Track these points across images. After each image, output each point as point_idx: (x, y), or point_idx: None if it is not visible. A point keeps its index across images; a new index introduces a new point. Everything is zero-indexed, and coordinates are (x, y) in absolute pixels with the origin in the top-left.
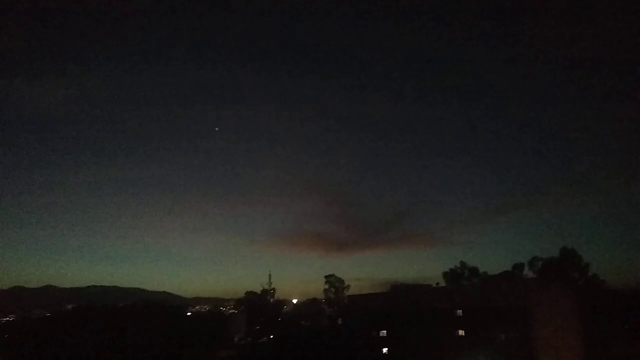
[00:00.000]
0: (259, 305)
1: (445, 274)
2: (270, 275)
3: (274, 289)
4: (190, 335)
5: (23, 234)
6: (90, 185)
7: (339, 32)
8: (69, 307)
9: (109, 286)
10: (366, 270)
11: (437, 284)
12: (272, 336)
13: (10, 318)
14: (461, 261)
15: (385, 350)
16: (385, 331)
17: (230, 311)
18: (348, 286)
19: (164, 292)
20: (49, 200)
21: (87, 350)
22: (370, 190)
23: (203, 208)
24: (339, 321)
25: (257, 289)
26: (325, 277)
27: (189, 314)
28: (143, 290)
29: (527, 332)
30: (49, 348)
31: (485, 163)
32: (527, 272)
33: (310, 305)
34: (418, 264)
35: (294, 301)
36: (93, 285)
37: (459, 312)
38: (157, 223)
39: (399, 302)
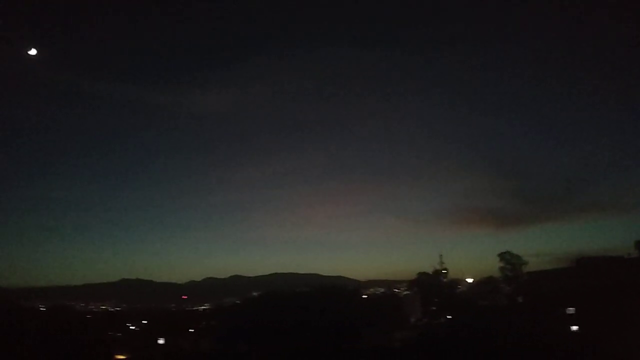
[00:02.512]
0: (433, 286)
1: (637, 243)
2: (441, 255)
3: (446, 269)
4: (367, 318)
5: (211, 230)
6: (262, 180)
7: None
8: (255, 294)
9: (289, 273)
10: (544, 244)
11: (629, 254)
12: (449, 316)
13: (206, 306)
14: None
15: (574, 328)
16: (573, 308)
17: (405, 293)
18: (526, 262)
19: (339, 276)
20: (230, 198)
21: (273, 333)
22: (541, 159)
23: (370, 192)
24: (519, 299)
25: (429, 269)
26: (500, 254)
27: (364, 296)
28: (319, 275)
29: None
30: (242, 331)
31: None
32: None
33: (486, 284)
34: (603, 235)
35: (469, 280)
36: (274, 273)
37: None
38: (328, 210)
39: (586, 276)
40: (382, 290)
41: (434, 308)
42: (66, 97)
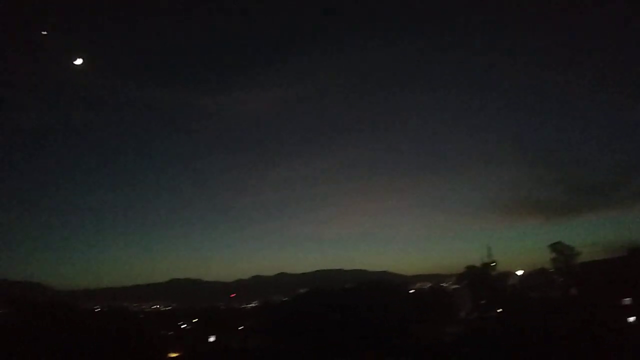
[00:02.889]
0: (482, 279)
1: None
2: (489, 247)
3: (494, 262)
4: (415, 313)
5: (257, 229)
6: (306, 178)
7: None
8: (301, 291)
9: (334, 269)
10: (595, 234)
11: None
12: (499, 310)
13: (254, 304)
14: None
15: (632, 319)
16: (629, 299)
17: (453, 287)
18: (579, 253)
19: (384, 271)
20: (275, 197)
21: (320, 329)
22: (589, 148)
23: (414, 186)
24: (573, 291)
25: (477, 262)
26: (551, 245)
27: (411, 291)
28: (365, 271)
29: None
30: (289, 328)
31: None
32: None
33: (537, 276)
34: None
35: (519, 273)
36: (320, 270)
37: None
38: (373, 206)
39: None
40: (429, 284)
41: (483, 302)
42: (113, 103)
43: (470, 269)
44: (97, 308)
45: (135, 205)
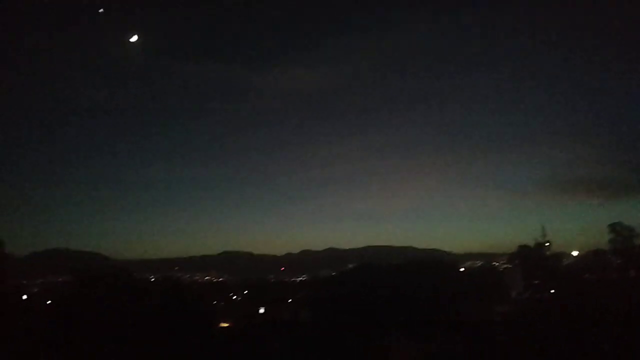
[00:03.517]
0: (535, 259)
1: None
2: (543, 227)
3: (549, 241)
4: (465, 291)
5: (307, 204)
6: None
7: None
8: (350, 266)
9: (383, 246)
10: None
11: None
12: (552, 291)
13: (303, 277)
14: None
15: None
16: None
17: (504, 266)
18: (639, 234)
19: (433, 249)
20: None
21: (368, 305)
22: None
23: (467, 163)
24: (632, 273)
25: (530, 242)
26: (610, 225)
27: (461, 269)
28: (414, 248)
29: None
30: (338, 303)
31: None
32: None
33: (593, 257)
34: None
35: (574, 253)
36: (369, 246)
37: None
38: (423, 182)
39: None
40: (480, 263)
41: (536, 282)
42: (166, 80)
43: (524, 248)
44: (152, 278)
45: (188, 180)
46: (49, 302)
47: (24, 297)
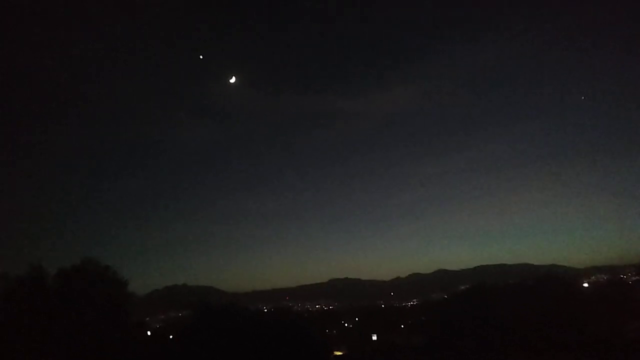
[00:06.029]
0: None
1: None
2: None
3: None
4: (591, 308)
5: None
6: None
7: None
8: (462, 287)
9: (496, 264)
10: None
11: None
12: None
13: (414, 302)
14: None
15: None
16: None
17: (634, 278)
18: None
19: (552, 264)
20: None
21: (485, 327)
22: None
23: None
24: None
25: None
26: None
27: (585, 285)
28: (530, 265)
29: None
30: (453, 326)
31: None
32: None
33: None
34: None
35: None
36: (480, 266)
37: None
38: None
39: None
40: (605, 277)
41: None
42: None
43: None
44: (265, 308)
45: (293, 210)
46: (171, 336)
47: (148, 333)
